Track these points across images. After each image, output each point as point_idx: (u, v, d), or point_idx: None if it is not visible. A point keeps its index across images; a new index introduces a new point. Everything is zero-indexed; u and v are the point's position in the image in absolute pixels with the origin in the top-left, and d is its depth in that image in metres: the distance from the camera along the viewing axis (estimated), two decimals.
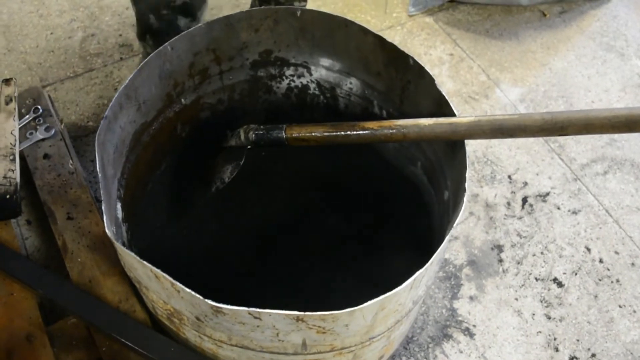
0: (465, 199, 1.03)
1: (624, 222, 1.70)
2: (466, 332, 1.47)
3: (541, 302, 1.54)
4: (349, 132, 1.19)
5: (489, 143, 1.85)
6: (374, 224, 1.51)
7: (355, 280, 1.42)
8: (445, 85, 2.00)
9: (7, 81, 1.57)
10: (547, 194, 1.75)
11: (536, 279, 1.58)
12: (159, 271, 0.93)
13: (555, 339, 1.48)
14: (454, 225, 1.01)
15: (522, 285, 1.56)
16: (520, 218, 1.69)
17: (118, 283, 1.31)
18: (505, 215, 1.69)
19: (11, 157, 1.44)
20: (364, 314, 0.95)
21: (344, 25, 1.30)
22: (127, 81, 1.16)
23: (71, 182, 1.47)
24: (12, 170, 1.43)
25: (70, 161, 1.51)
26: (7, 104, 1.54)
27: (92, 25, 2.08)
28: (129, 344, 1.19)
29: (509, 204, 1.72)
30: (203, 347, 1.15)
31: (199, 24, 1.27)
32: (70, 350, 1.24)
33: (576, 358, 1.45)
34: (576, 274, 1.59)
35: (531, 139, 1.87)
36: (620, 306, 1.55)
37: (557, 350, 1.46)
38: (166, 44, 1.24)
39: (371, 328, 1.03)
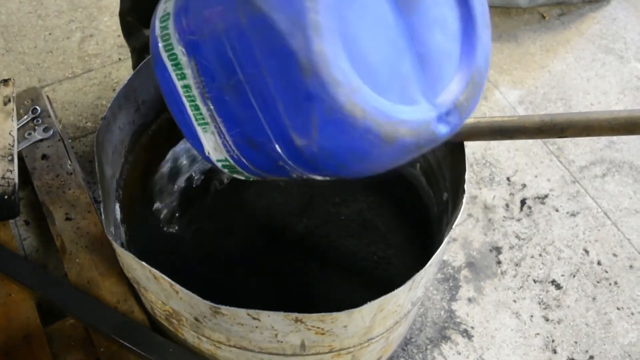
0: (464, 200, 1.03)
1: (622, 225, 1.70)
2: (464, 334, 1.47)
3: (539, 304, 1.54)
4: None
5: (487, 145, 1.86)
6: (373, 224, 1.51)
7: (353, 281, 1.42)
8: None
9: (5, 82, 1.57)
10: (546, 196, 1.75)
11: (534, 281, 1.58)
12: (157, 272, 0.93)
13: (553, 341, 1.48)
14: (453, 226, 1.01)
15: (521, 287, 1.56)
16: (518, 220, 1.69)
17: (116, 284, 1.31)
18: (504, 217, 1.70)
19: (9, 158, 1.44)
20: (362, 315, 0.95)
21: None
22: (126, 82, 1.16)
23: (69, 182, 1.47)
24: (11, 171, 1.42)
25: (69, 162, 1.51)
26: (5, 104, 1.53)
27: (90, 26, 2.08)
28: (128, 344, 1.19)
29: (507, 205, 1.72)
30: (201, 348, 1.15)
31: None
32: (69, 351, 1.24)
33: None
34: (574, 276, 1.60)
35: (530, 141, 1.87)
36: (618, 308, 1.55)
37: (555, 352, 1.46)
38: None
39: (370, 329, 1.03)
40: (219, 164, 0.91)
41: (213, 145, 0.88)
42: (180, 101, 0.86)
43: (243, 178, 0.96)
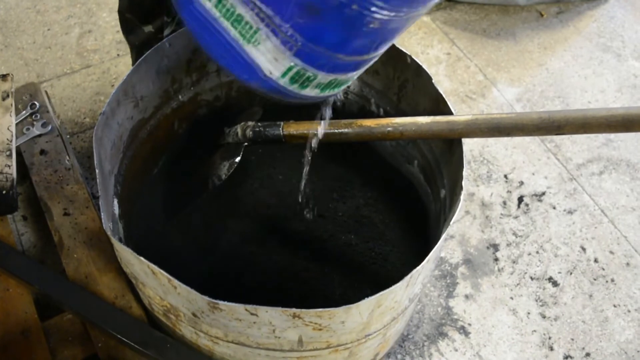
0: (462, 197, 1.04)
1: (619, 222, 1.71)
2: (461, 331, 1.48)
3: (536, 301, 1.54)
4: (346, 130, 1.19)
5: (485, 142, 1.86)
6: (370, 220, 1.51)
7: (351, 277, 1.42)
8: (442, 84, 2.00)
9: (4, 77, 1.57)
10: (543, 193, 1.76)
11: (531, 278, 1.58)
12: (156, 267, 0.93)
13: (550, 338, 1.49)
14: (450, 223, 1.01)
15: (518, 284, 1.57)
16: (516, 217, 1.70)
17: (114, 279, 1.31)
18: (501, 214, 1.70)
19: (8, 153, 1.44)
20: (360, 311, 0.95)
21: None
22: (124, 77, 1.16)
23: (68, 178, 1.47)
24: (9, 166, 1.42)
25: (67, 157, 1.51)
26: (3, 99, 1.53)
27: (89, 22, 2.08)
28: (125, 340, 1.19)
29: (504, 203, 1.72)
30: (199, 344, 1.15)
31: None
32: (66, 346, 1.24)
33: (570, 357, 1.46)
34: (571, 274, 1.60)
35: (527, 139, 1.87)
36: (614, 306, 1.55)
37: (551, 349, 1.47)
38: (164, 40, 1.24)
39: (367, 325, 1.03)
40: (286, 81, 0.83)
41: (272, 54, 0.80)
42: (219, 29, 0.81)
43: (313, 94, 0.87)
